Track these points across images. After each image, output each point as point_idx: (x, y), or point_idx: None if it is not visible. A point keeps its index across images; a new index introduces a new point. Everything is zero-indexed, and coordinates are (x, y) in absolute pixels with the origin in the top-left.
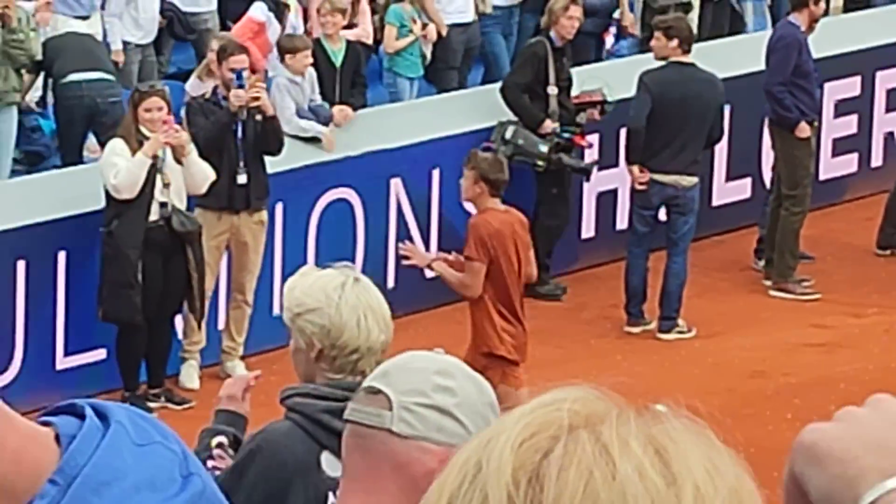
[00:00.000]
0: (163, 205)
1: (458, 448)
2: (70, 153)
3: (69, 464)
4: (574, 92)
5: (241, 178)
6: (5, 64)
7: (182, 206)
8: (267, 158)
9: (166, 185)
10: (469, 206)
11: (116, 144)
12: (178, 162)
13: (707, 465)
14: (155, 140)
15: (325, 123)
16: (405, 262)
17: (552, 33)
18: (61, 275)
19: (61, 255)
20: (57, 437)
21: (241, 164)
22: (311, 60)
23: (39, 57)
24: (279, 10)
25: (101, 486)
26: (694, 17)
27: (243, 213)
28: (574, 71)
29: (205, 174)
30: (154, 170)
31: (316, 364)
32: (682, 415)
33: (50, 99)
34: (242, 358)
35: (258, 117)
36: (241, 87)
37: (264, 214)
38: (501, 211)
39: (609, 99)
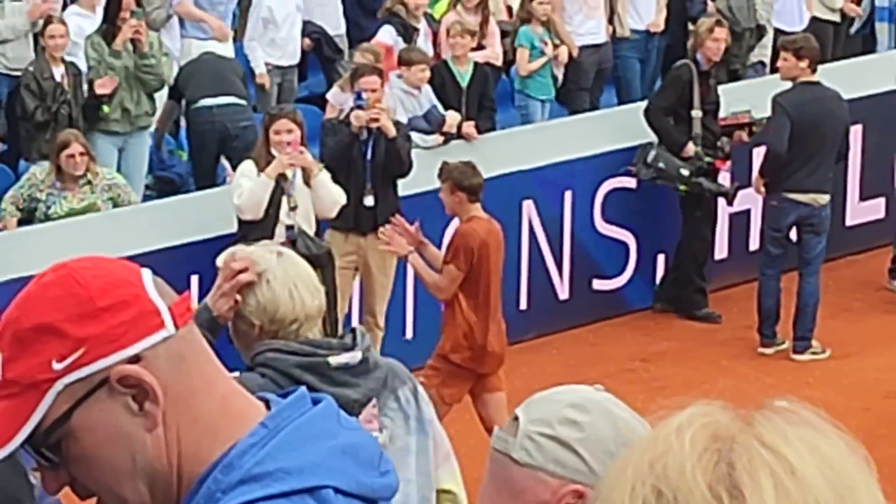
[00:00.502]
0: (289, 227)
1: (576, 483)
2: (203, 177)
3: (281, 415)
4: (721, 114)
5: (368, 201)
6: (137, 88)
7: (311, 229)
8: (400, 181)
9: (293, 208)
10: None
11: (246, 166)
12: (307, 184)
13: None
14: (278, 162)
15: (438, 127)
16: (382, 247)
17: (698, 56)
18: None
19: (194, 279)
20: (267, 404)
21: (369, 185)
22: (427, 74)
23: (171, 81)
24: (407, 34)
25: (309, 438)
26: (768, 42)
27: (370, 235)
28: (721, 91)
29: (333, 197)
30: (280, 192)
31: (259, 341)
32: (790, 409)
33: (183, 123)
34: None
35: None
36: (360, 107)
37: None
38: (485, 219)
39: (757, 120)
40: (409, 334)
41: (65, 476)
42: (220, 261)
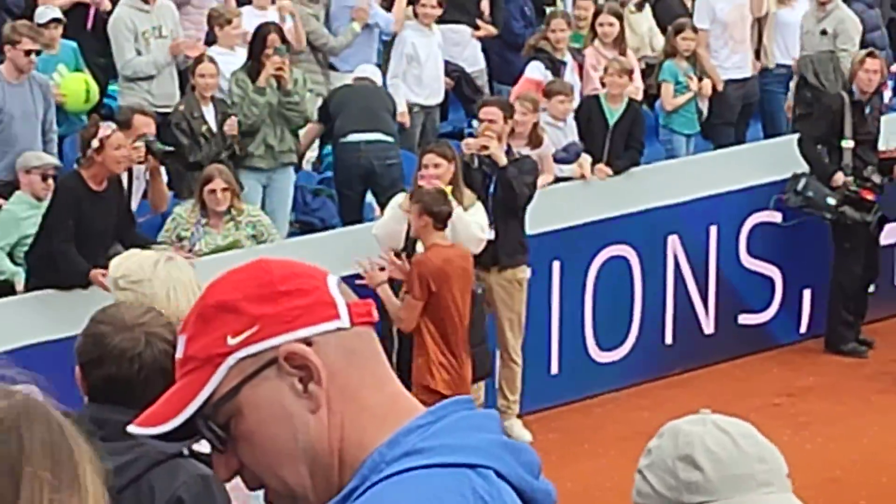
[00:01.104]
0: None
1: None
2: (349, 213)
3: (446, 407)
4: (881, 146)
5: (489, 234)
6: (280, 125)
7: None
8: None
9: None
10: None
11: (398, 198)
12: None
13: None
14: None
15: (576, 157)
16: (358, 282)
17: (853, 87)
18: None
19: None
20: None
21: (489, 219)
22: (570, 106)
23: (314, 118)
24: (555, 68)
25: (473, 428)
26: None
27: (493, 269)
28: (885, 120)
29: (470, 233)
30: None
31: None
32: None
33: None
34: (520, 416)
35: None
36: (471, 135)
37: (520, 272)
38: (446, 247)
39: None
40: (553, 369)
41: (234, 461)
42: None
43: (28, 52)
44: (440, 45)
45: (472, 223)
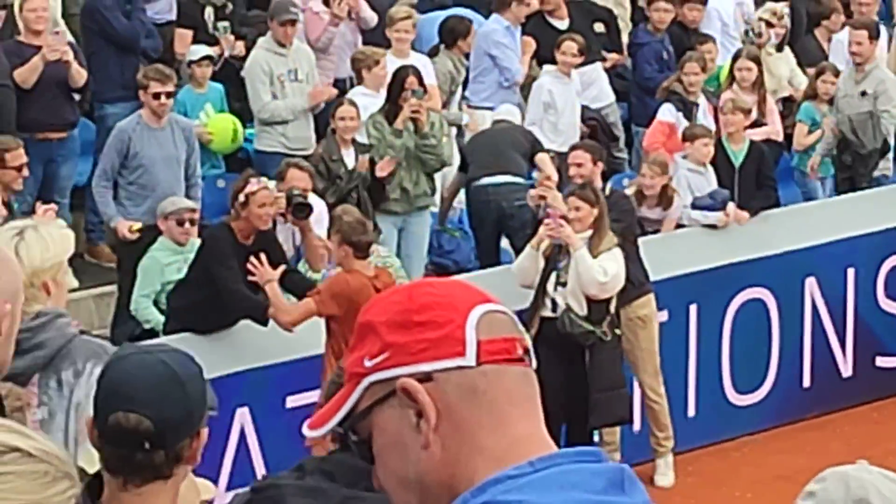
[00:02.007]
0: (553, 302)
1: None
2: (485, 255)
3: (553, 459)
4: None
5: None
6: (416, 168)
7: (580, 308)
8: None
9: (560, 284)
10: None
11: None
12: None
13: None
14: (540, 234)
15: (723, 205)
16: (250, 277)
17: None
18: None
19: None
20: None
21: None
22: (711, 150)
23: (453, 161)
24: (687, 110)
25: (566, 485)
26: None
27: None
28: None
29: (591, 275)
30: (551, 265)
31: None
32: None
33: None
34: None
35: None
36: (532, 186)
37: (640, 310)
38: (368, 276)
39: None
40: (690, 412)
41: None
42: None
43: (157, 95)
44: (578, 92)
45: (593, 266)
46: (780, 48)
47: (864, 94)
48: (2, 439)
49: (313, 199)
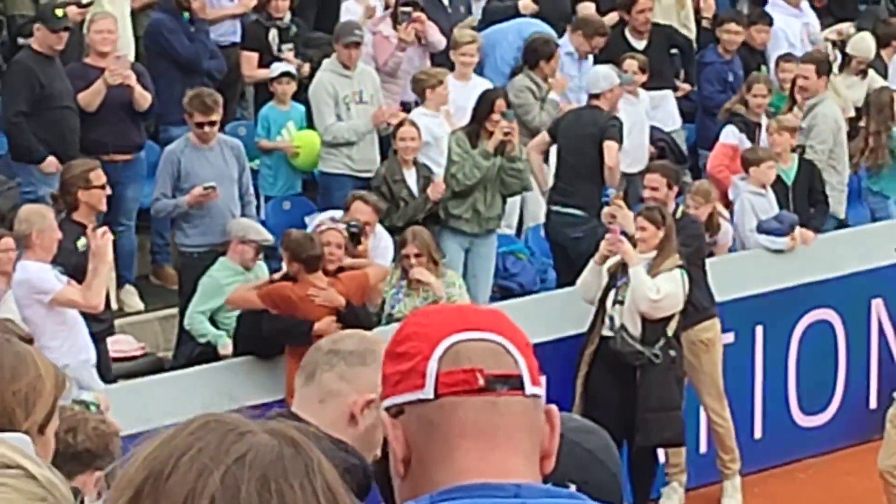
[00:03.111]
0: (612, 319)
1: None
2: (565, 275)
3: (452, 493)
4: None
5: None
6: (493, 190)
7: (634, 327)
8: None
9: (619, 301)
10: None
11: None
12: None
13: None
14: (602, 248)
15: (790, 229)
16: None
17: None
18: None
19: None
20: None
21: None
22: (774, 173)
23: (532, 187)
24: (749, 131)
25: None
26: None
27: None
28: None
29: (642, 292)
30: (612, 282)
31: None
32: None
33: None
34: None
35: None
36: (606, 203)
37: (703, 333)
38: (318, 283)
39: None
40: (757, 433)
41: None
42: None
43: (200, 125)
44: (647, 112)
45: (646, 283)
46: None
47: (801, 129)
48: (10, 456)
49: (381, 232)
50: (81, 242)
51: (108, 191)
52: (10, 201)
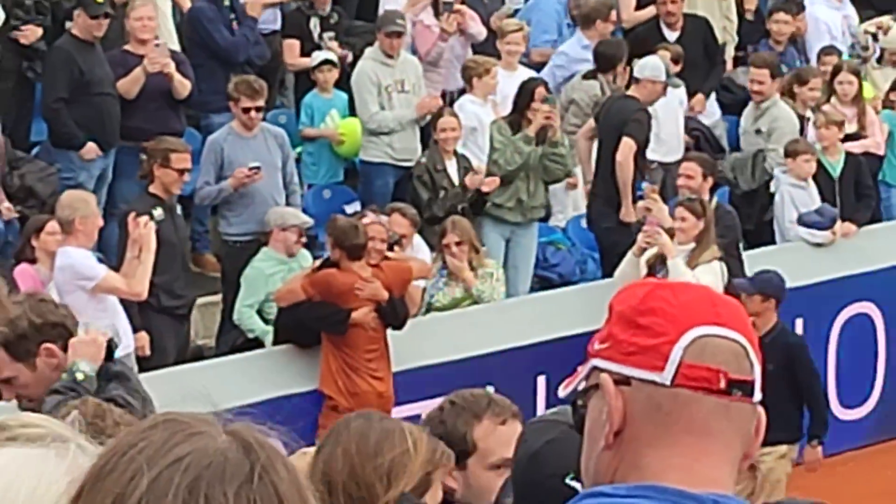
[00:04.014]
0: None
1: None
2: (609, 266)
3: (648, 491)
4: None
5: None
6: (536, 179)
7: None
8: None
9: None
10: None
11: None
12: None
13: None
14: (639, 241)
15: (831, 223)
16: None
17: None
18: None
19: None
20: None
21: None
22: (813, 166)
23: (577, 170)
24: (799, 124)
25: None
26: None
27: None
28: None
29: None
30: (650, 273)
31: None
32: None
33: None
34: None
35: None
36: (640, 197)
37: None
38: (362, 274)
39: None
40: None
41: None
42: None
43: (246, 110)
44: (682, 102)
45: (686, 274)
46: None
47: (758, 131)
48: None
49: (419, 244)
50: (157, 213)
51: (187, 178)
52: (49, 187)
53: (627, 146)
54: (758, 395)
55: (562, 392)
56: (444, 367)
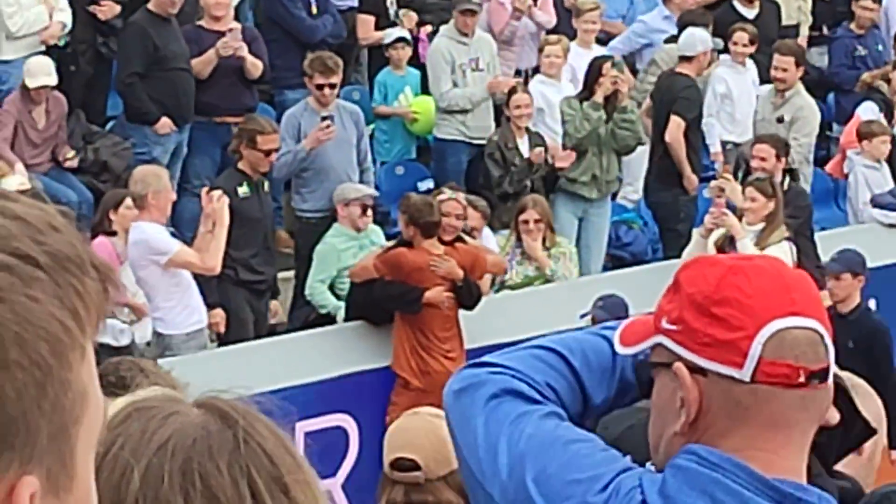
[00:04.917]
0: None
1: None
2: (670, 246)
3: (724, 462)
4: None
5: None
6: (608, 152)
7: None
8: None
9: None
10: None
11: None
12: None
13: None
14: (706, 221)
15: None
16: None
17: None
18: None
19: None
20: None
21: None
22: (888, 147)
23: (645, 139)
24: (889, 109)
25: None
26: None
27: None
28: None
29: None
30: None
31: None
32: None
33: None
34: None
35: None
36: (713, 177)
37: None
38: (434, 252)
39: None
40: None
41: None
42: None
43: (320, 87)
44: (754, 81)
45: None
46: None
47: (780, 119)
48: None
49: (487, 235)
50: (243, 190)
51: (273, 158)
52: (123, 161)
53: (675, 124)
54: (832, 377)
55: (620, 349)
56: (516, 345)
